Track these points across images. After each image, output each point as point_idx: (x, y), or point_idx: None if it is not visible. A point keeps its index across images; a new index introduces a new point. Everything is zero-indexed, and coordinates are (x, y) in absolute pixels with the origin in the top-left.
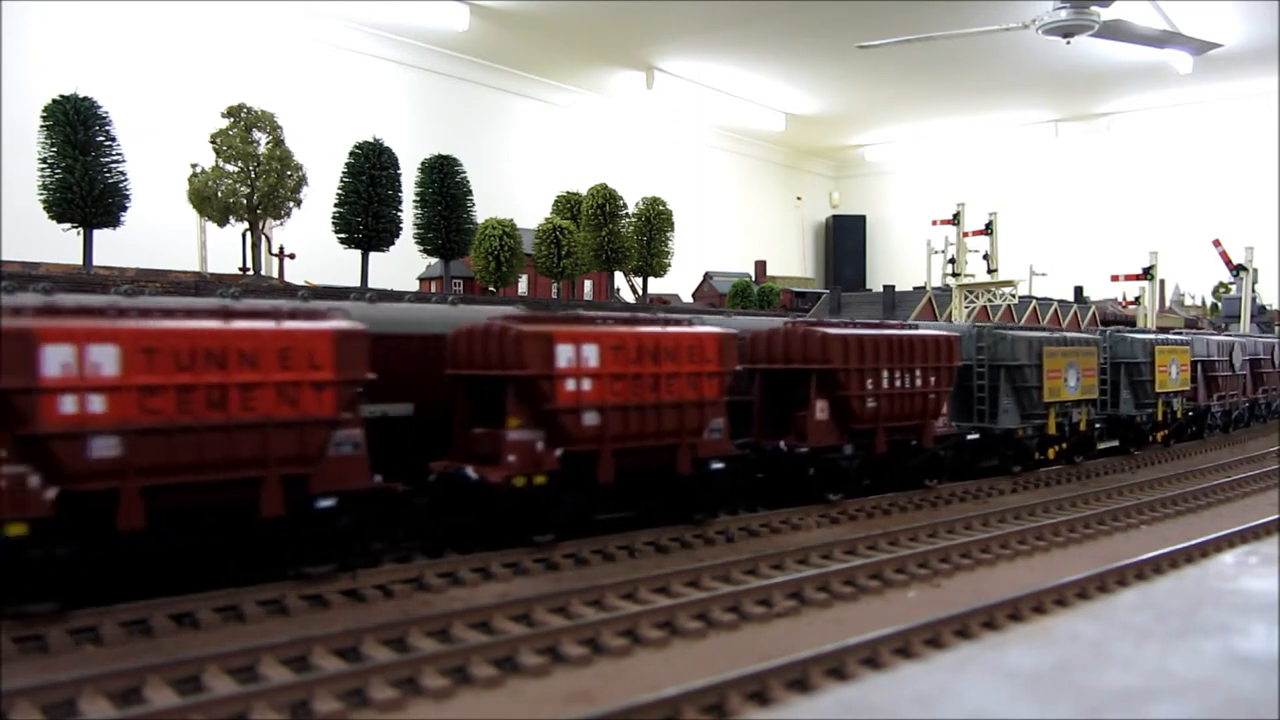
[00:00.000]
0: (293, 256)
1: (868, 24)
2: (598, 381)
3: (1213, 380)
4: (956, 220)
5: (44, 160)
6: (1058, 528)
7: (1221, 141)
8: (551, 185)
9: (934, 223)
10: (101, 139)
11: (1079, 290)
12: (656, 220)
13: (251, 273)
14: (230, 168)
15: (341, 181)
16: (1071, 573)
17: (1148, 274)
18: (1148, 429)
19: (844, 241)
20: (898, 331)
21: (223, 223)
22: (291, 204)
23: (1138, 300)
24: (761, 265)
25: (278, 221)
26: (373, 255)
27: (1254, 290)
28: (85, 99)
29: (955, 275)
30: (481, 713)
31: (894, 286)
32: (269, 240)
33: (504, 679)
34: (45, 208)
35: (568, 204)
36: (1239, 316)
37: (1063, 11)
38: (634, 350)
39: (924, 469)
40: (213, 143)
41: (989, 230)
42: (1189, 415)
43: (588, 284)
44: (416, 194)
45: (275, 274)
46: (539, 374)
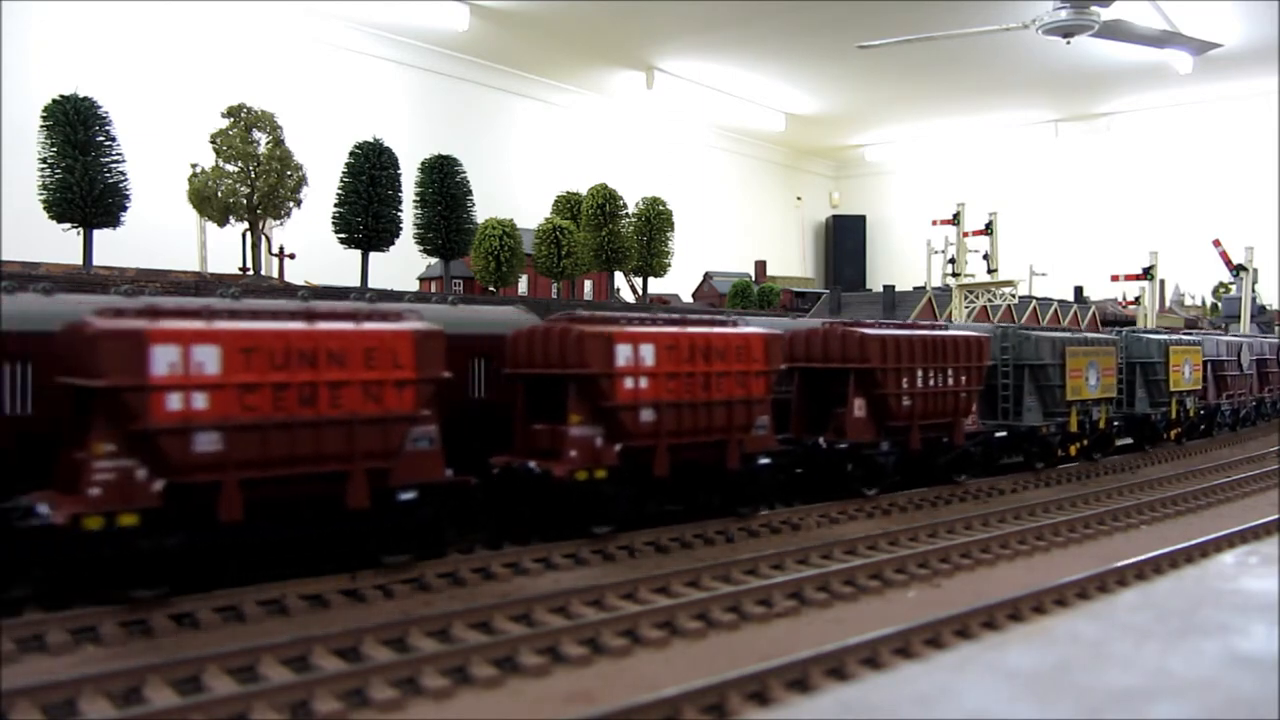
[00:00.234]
0: (293, 256)
1: (868, 24)
2: (654, 380)
3: (1222, 379)
4: (956, 220)
5: (44, 160)
6: (1058, 528)
7: (1221, 141)
8: (551, 185)
9: (934, 223)
10: (101, 139)
11: (1079, 290)
12: (656, 220)
13: (251, 273)
14: (230, 168)
15: (341, 181)
16: (1071, 573)
17: (1148, 274)
18: (1162, 427)
19: (844, 241)
20: (931, 332)
21: (223, 223)
22: (291, 204)
23: (1138, 300)
24: (761, 265)
25: (278, 221)
26: (373, 255)
27: (1254, 290)
28: (85, 99)
29: (955, 275)
30: (481, 713)
31: (894, 286)
32: (269, 240)
33: (504, 679)
34: (45, 208)
35: (568, 204)
36: (1239, 316)
37: (1063, 11)
38: (687, 350)
39: (955, 465)
40: (213, 143)
41: (989, 230)
42: (1200, 413)
43: (588, 284)
44: (416, 194)
45: (275, 274)
46: (600, 373)
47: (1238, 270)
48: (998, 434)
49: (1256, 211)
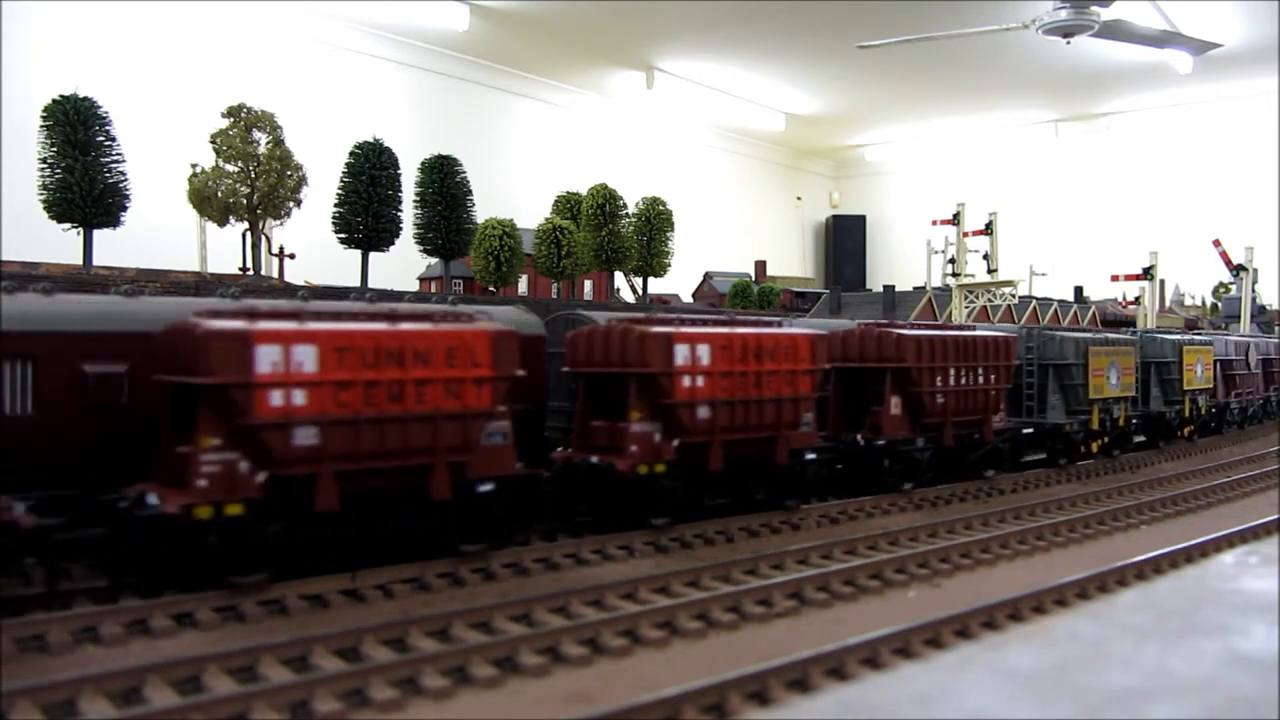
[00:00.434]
0: (293, 256)
1: (868, 24)
2: (709, 378)
3: (1231, 378)
4: (956, 220)
5: (44, 160)
6: (1058, 528)
7: (1221, 141)
8: (551, 185)
9: (934, 223)
10: (101, 139)
11: (1079, 290)
12: (656, 220)
13: (251, 273)
14: (230, 168)
15: (341, 181)
16: (1071, 573)
17: (1148, 274)
18: (1176, 424)
19: (844, 241)
20: (962, 332)
21: (223, 223)
22: (291, 204)
23: (1138, 300)
24: (761, 265)
25: (278, 221)
26: (373, 255)
27: (1254, 290)
28: (85, 99)
29: (955, 275)
30: (481, 713)
31: (894, 286)
32: (269, 240)
33: (504, 679)
34: (45, 208)
35: (568, 204)
36: (1239, 316)
37: (1063, 11)
38: (739, 350)
39: (984, 460)
40: (213, 143)
41: (989, 230)
42: (1211, 411)
43: (588, 284)
44: (416, 194)
45: (275, 274)
46: (660, 371)
47: (1238, 270)
48: (1025, 431)
49: (1256, 211)
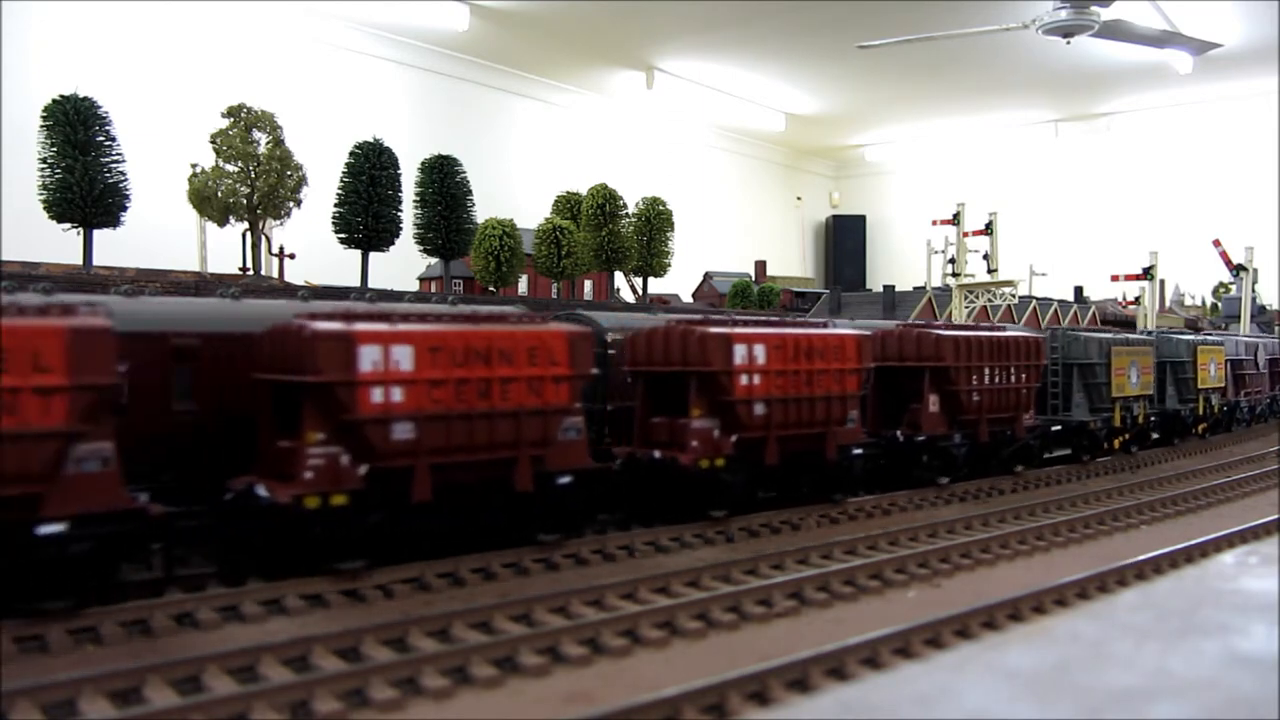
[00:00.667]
0: (293, 256)
1: (868, 24)
2: (765, 377)
3: (1240, 377)
4: (956, 220)
5: (44, 160)
6: (1058, 528)
7: (1221, 141)
8: (551, 185)
9: (934, 223)
10: (101, 139)
11: (1079, 290)
12: (656, 220)
13: (251, 273)
14: (230, 168)
15: (341, 181)
16: (1071, 573)
17: (1148, 274)
18: (1190, 422)
19: (844, 241)
20: (995, 333)
21: (223, 223)
22: (291, 204)
23: (1138, 300)
24: (761, 265)
25: (278, 221)
26: (373, 255)
27: (1254, 290)
28: (85, 99)
29: (955, 275)
30: (481, 713)
31: (894, 286)
32: (269, 240)
33: (504, 679)
34: (45, 208)
35: (568, 204)
36: (1239, 316)
37: (1063, 11)
38: (792, 349)
39: (1015, 456)
40: (213, 143)
41: (989, 230)
42: (1223, 409)
43: (588, 284)
44: (416, 194)
45: (275, 274)
46: (720, 370)
47: (1238, 270)
48: (1053, 428)
49: (1256, 211)
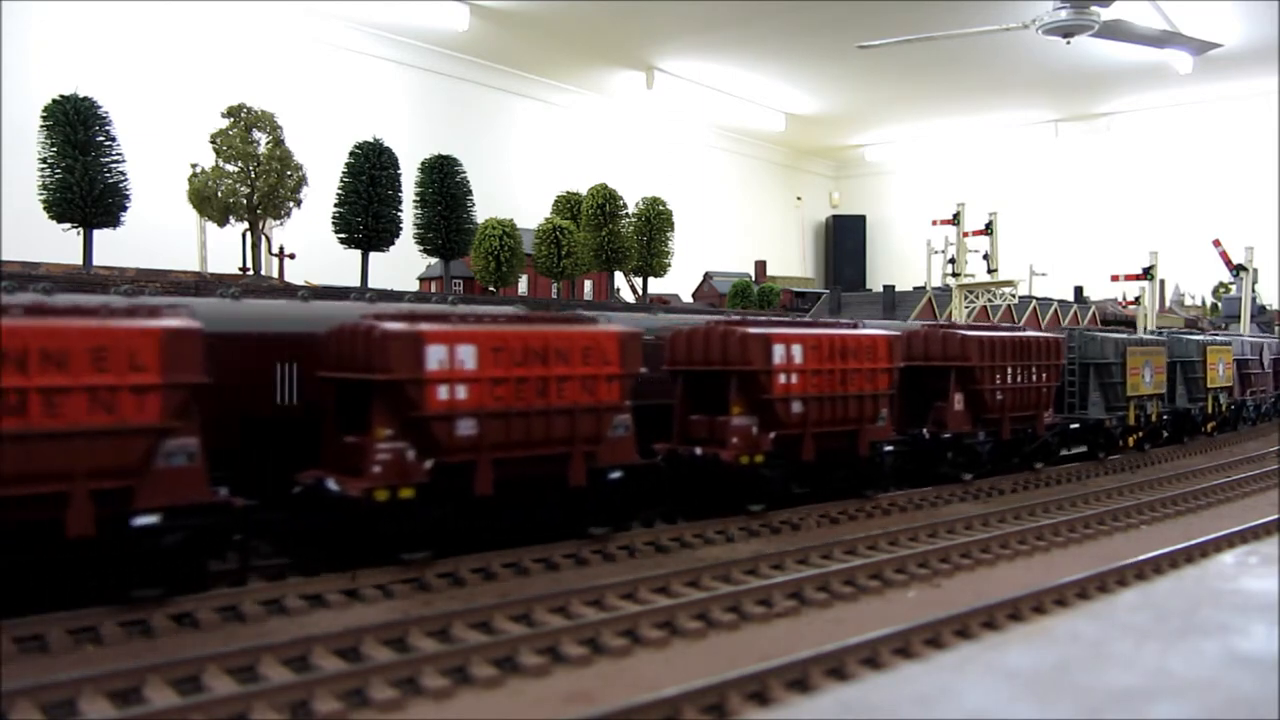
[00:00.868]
0: (293, 256)
1: (868, 24)
2: (801, 376)
3: (1247, 377)
4: (956, 220)
5: (44, 160)
6: (1058, 528)
7: (1221, 141)
8: (551, 185)
9: (934, 223)
10: (101, 139)
11: (1079, 290)
12: (656, 220)
13: (251, 273)
14: (230, 168)
15: (341, 181)
16: (1071, 573)
17: (1148, 274)
18: (1200, 420)
19: (844, 241)
20: (1017, 333)
21: (223, 223)
22: (291, 204)
23: (1138, 300)
24: (761, 265)
25: (278, 221)
26: (373, 255)
27: (1254, 290)
28: (85, 99)
29: (955, 275)
30: (481, 713)
31: (894, 286)
32: (269, 240)
33: (504, 679)
34: (45, 208)
35: (568, 204)
36: (1239, 316)
37: (1063, 11)
38: (827, 349)
39: (1035, 454)
40: (213, 143)
41: (989, 230)
42: (1230, 408)
43: (588, 284)
44: (416, 194)
45: (275, 274)
46: (760, 369)
47: (1238, 270)
48: (1072, 426)
49: (1256, 211)
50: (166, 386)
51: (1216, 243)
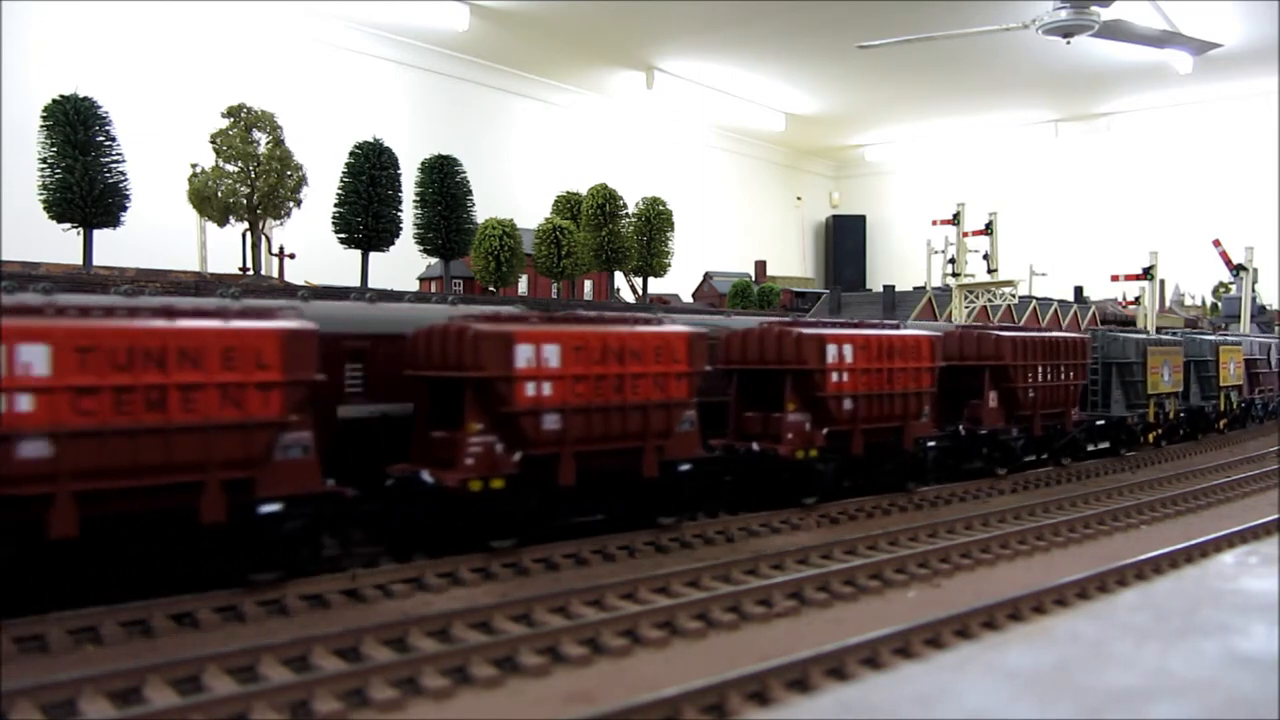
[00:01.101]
0: (293, 256)
1: (868, 24)
2: (852, 374)
3: (1255, 376)
4: (956, 220)
5: (44, 160)
6: (1058, 528)
7: (1221, 141)
8: (551, 185)
9: (934, 223)
10: (101, 139)
11: (1079, 290)
12: (656, 220)
13: (251, 273)
14: (230, 168)
15: (341, 181)
16: (1071, 573)
17: (1148, 274)
18: (1213, 417)
19: (844, 241)
20: (1046, 333)
21: (223, 223)
22: (291, 204)
23: (1137, 300)
24: (761, 265)
25: (278, 221)
26: (373, 255)
27: (1254, 290)
28: (85, 99)
29: (955, 275)
30: (481, 713)
31: (894, 286)
32: (269, 240)
33: (504, 679)
34: (45, 208)
35: (568, 204)
36: (1239, 316)
37: (1063, 11)
38: (875, 349)
39: (1064, 450)
40: (213, 143)
41: (989, 230)
42: (1241, 406)
43: (588, 284)
44: (416, 194)
45: (275, 274)
46: (815, 368)
47: (1238, 270)
48: (1098, 422)
49: (1256, 211)
50: (287, 383)
51: (1216, 243)
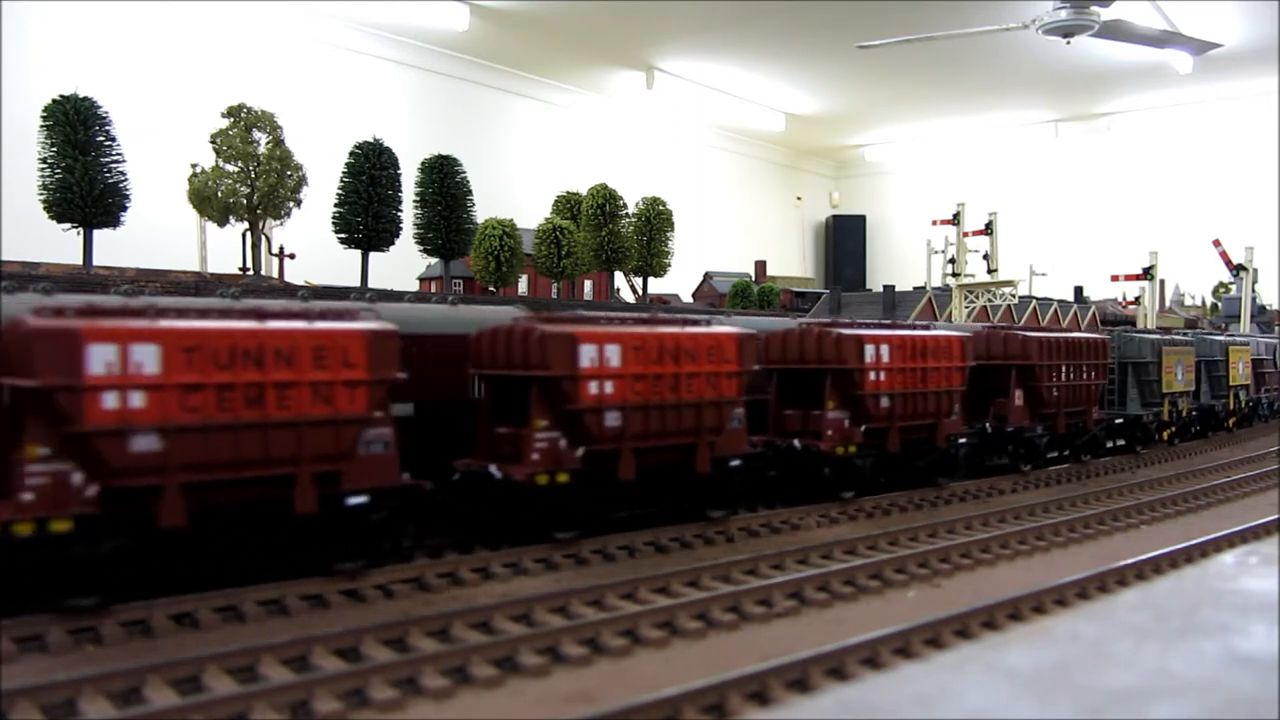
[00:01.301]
0: (293, 256)
1: (868, 24)
2: (889, 373)
3: (1261, 375)
4: (956, 220)
5: (44, 160)
6: (1058, 528)
7: (1221, 141)
8: (551, 185)
9: (934, 223)
10: (101, 139)
11: (1079, 290)
12: (656, 220)
13: (251, 273)
14: (230, 168)
15: (341, 181)
16: (1071, 573)
17: (1148, 274)
18: (1222, 416)
19: (844, 241)
20: (1070, 334)
21: (223, 223)
22: (291, 204)
23: (1138, 300)
24: (761, 265)
25: (278, 221)
26: (373, 255)
27: (1254, 290)
28: (85, 99)
29: (955, 275)
30: (481, 713)
31: (894, 286)
32: (269, 240)
33: (504, 679)
34: (45, 208)
35: (568, 204)
36: (1239, 316)
37: (1063, 11)
38: (910, 349)
39: (1085, 447)
40: (213, 143)
41: (989, 230)
42: (1248, 405)
43: (588, 284)
44: (416, 194)
45: (275, 274)
46: (854, 367)
47: (1238, 270)
48: (1117, 421)
49: (1256, 211)
50: (372, 381)
51: (1216, 243)
